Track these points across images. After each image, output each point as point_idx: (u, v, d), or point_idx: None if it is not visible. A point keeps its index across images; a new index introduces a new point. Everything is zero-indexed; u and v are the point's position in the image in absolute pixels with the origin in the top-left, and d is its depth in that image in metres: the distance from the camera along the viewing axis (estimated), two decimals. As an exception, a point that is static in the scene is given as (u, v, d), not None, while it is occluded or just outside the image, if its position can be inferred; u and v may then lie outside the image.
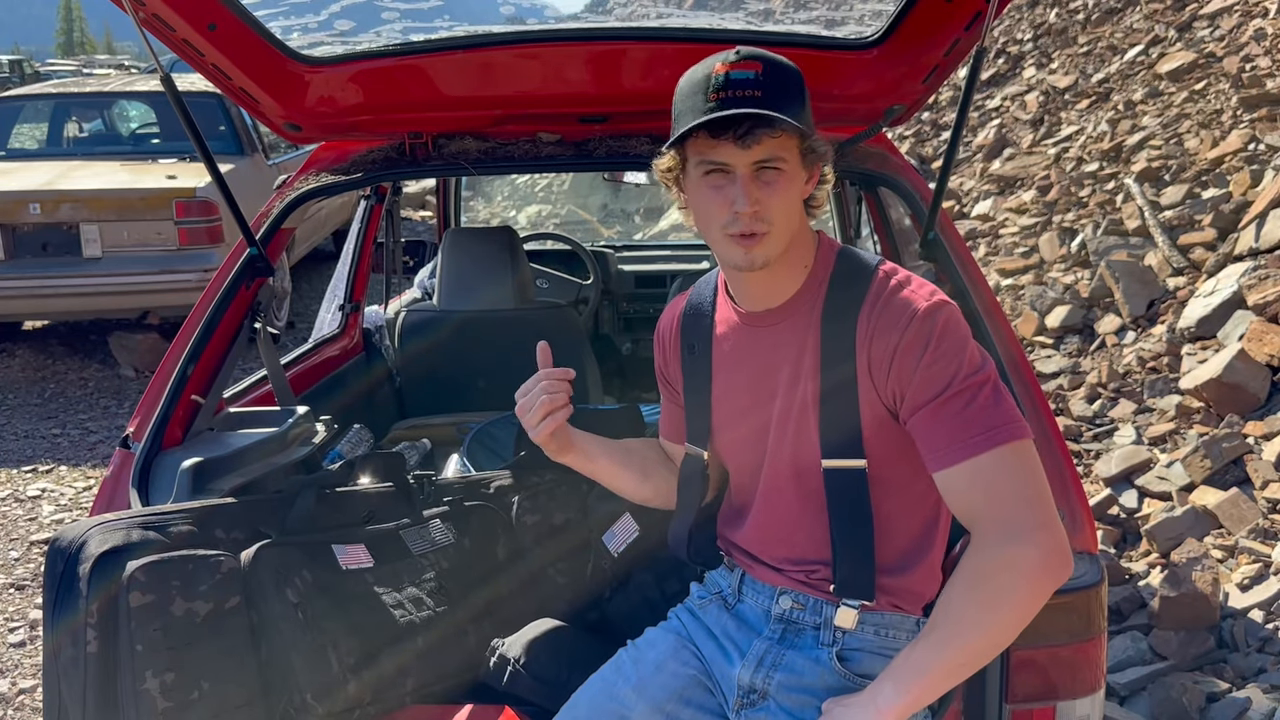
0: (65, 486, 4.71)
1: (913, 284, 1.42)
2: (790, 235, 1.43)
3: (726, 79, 1.36)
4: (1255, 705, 2.55)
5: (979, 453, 1.33)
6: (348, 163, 2.31)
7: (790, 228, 1.42)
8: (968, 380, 1.35)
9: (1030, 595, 1.31)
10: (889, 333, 1.38)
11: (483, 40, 2.22)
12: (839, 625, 1.48)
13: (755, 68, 1.36)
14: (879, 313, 1.40)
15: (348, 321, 3.32)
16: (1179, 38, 7.23)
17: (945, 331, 1.36)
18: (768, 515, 1.54)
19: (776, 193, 1.39)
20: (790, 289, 1.48)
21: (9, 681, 3.23)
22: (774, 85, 1.36)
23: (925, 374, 1.36)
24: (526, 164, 2.28)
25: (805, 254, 1.48)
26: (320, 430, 2.24)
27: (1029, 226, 5.98)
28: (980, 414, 1.34)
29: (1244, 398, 3.53)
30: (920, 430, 1.37)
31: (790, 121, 1.34)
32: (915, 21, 2.06)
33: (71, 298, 5.96)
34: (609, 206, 6.98)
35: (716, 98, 1.36)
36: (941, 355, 1.35)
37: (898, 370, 1.37)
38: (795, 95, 1.37)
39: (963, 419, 1.34)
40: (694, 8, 6.29)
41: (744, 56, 1.37)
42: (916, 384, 1.36)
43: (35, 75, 23.63)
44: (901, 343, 1.36)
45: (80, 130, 7.63)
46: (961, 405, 1.34)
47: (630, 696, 1.55)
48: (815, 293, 1.47)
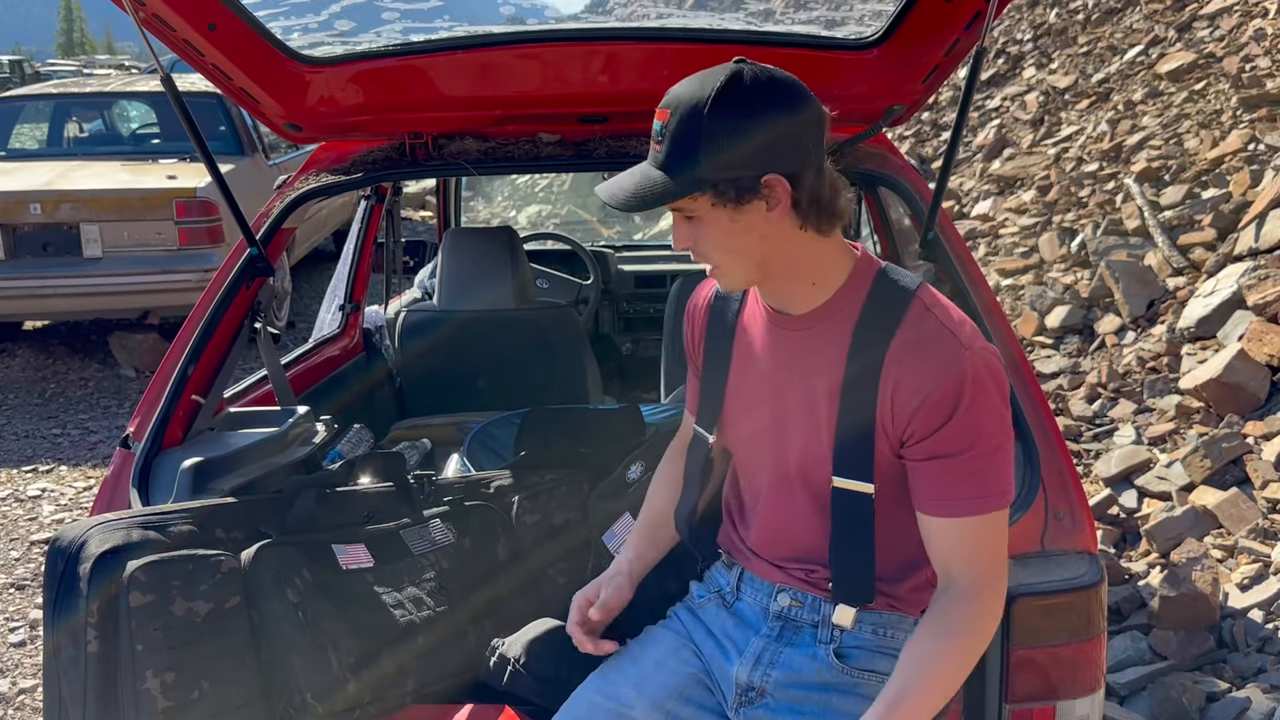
0: (65, 486, 4.72)
1: (953, 322, 1.39)
2: (748, 267, 1.41)
3: (653, 126, 1.38)
4: (1255, 705, 2.55)
5: (967, 515, 1.37)
6: (348, 163, 2.32)
7: (740, 262, 1.40)
8: (985, 447, 1.36)
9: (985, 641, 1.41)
10: (922, 378, 1.35)
11: (483, 40, 2.22)
12: (837, 623, 1.48)
13: (664, 117, 1.35)
14: (913, 350, 1.36)
15: (348, 321, 3.32)
16: (1179, 38, 7.23)
17: (979, 391, 1.34)
18: (771, 513, 1.54)
19: (700, 236, 1.38)
20: (812, 300, 1.44)
21: (9, 681, 3.23)
22: (674, 140, 1.34)
23: (948, 432, 1.35)
24: (526, 164, 2.28)
25: (817, 274, 1.43)
26: (320, 430, 2.24)
27: (1029, 226, 5.98)
28: (981, 479, 1.36)
29: (1244, 398, 3.53)
30: (919, 474, 1.39)
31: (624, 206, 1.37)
32: (915, 22, 2.06)
33: (72, 298, 5.96)
34: (609, 206, 6.97)
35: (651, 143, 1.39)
36: (970, 420, 1.34)
37: (922, 420, 1.36)
38: (693, 143, 1.32)
39: (964, 480, 1.36)
40: (694, 8, 6.29)
41: (664, 102, 1.36)
42: (936, 438, 1.36)
43: (36, 75, 23.63)
44: (933, 395, 1.34)
45: (80, 130, 7.63)
46: (969, 469, 1.36)
47: (630, 694, 1.55)
48: (848, 308, 1.43)
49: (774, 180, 1.33)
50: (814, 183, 1.36)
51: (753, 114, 1.31)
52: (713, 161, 1.32)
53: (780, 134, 1.33)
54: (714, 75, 1.33)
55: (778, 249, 1.39)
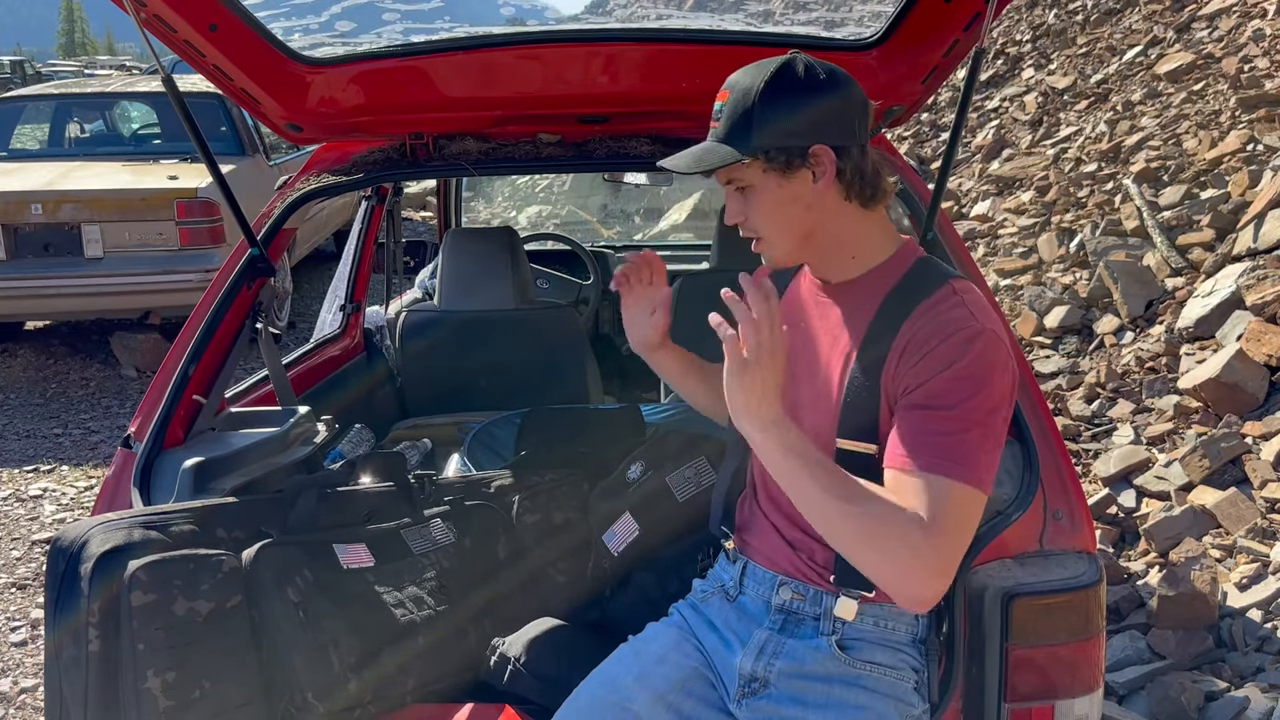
0: (67, 486, 4.72)
1: (977, 306, 1.42)
2: (793, 237, 1.49)
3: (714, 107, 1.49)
4: (1253, 704, 2.56)
5: (932, 473, 1.32)
6: (349, 163, 2.32)
7: (786, 231, 1.48)
8: (970, 413, 1.34)
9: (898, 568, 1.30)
10: (931, 335, 1.39)
11: (483, 41, 2.22)
12: (839, 616, 1.50)
13: (724, 98, 1.47)
14: (929, 318, 1.41)
15: (349, 322, 3.33)
16: (1178, 39, 7.24)
17: (980, 359, 1.36)
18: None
19: (752, 206, 1.49)
20: (850, 271, 1.52)
21: (10, 681, 3.24)
22: (731, 115, 1.45)
23: (938, 384, 1.36)
24: (527, 165, 2.29)
25: (859, 248, 1.51)
26: (321, 430, 2.25)
27: (1028, 227, 5.98)
28: (956, 445, 1.33)
29: (1242, 398, 3.53)
30: (901, 422, 1.38)
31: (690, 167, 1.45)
32: (914, 22, 2.06)
33: (73, 298, 5.97)
34: (609, 207, 6.98)
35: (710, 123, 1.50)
36: (963, 378, 1.35)
37: (920, 369, 1.38)
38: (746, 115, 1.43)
39: (939, 437, 1.33)
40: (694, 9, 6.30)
41: (725, 84, 1.48)
42: (927, 387, 1.37)
43: (37, 76, 23.65)
44: (937, 350, 1.38)
45: (82, 131, 7.64)
46: (948, 428, 1.34)
47: (632, 688, 1.56)
48: (883, 283, 1.49)
49: (821, 151, 1.43)
50: (858, 158, 1.46)
51: (804, 92, 1.43)
52: (764, 131, 1.42)
53: (827, 111, 1.43)
54: (770, 62, 1.45)
55: (823, 220, 1.48)
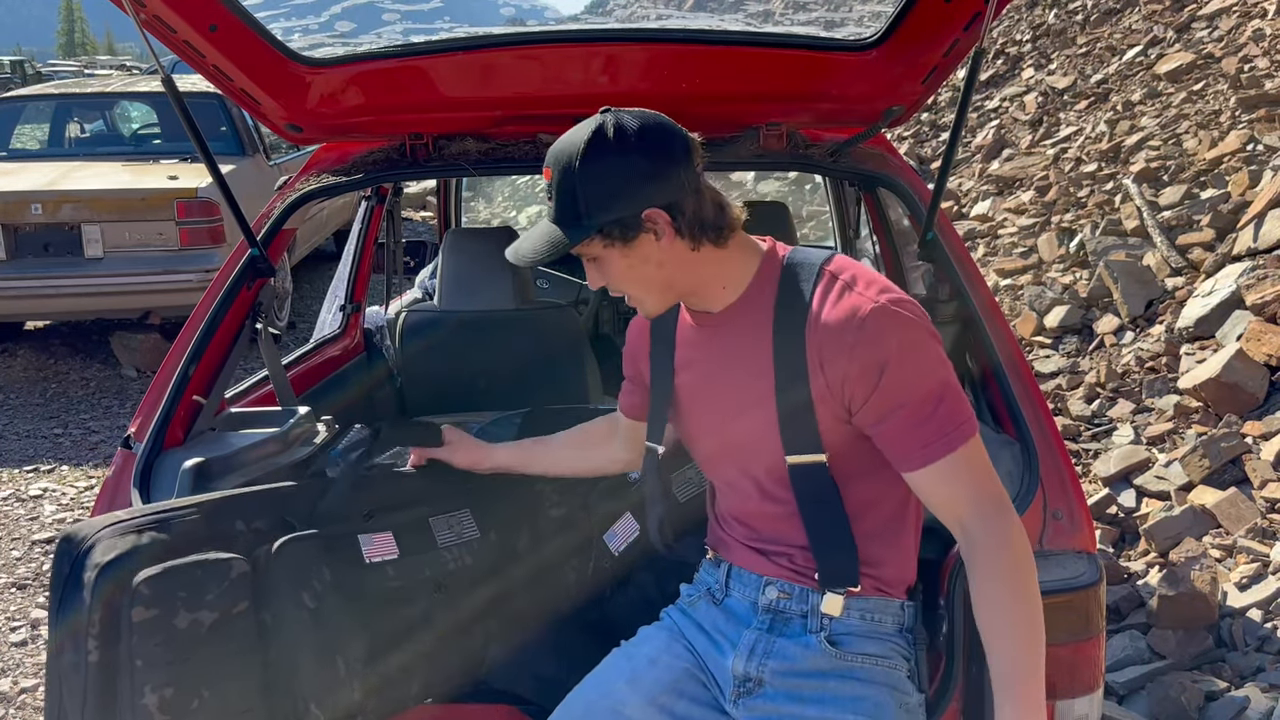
0: (67, 486, 4.72)
1: (859, 283, 1.45)
2: (658, 292, 1.50)
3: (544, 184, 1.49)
4: (1254, 704, 2.56)
5: (938, 458, 1.40)
6: (349, 164, 2.32)
7: (649, 290, 1.49)
8: (924, 395, 1.40)
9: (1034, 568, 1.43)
10: (839, 344, 1.41)
11: (483, 42, 2.22)
12: (826, 612, 1.52)
13: (548, 176, 1.46)
14: (824, 319, 1.43)
15: (349, 322, 3.33)
16: (1178, 38, 7.24)
17: (896, 342, 1.39)
18: (741, 503, 1.58)
19: (606, 274, 1.49)
20: (727, 299, 1.52)
21: (10, 681, 3.24)
22: (558, 196, 1.44)
23: (885, 389, 1.40)
24: (527, 165, 2.29)
25: (726, 279, 1.51)
26: (321, 430, 2.25)
27: (1028, 227, 5.99)
28: (939, 419, 1.40)
29: (1242, 397, 3.53)
30: (882, 437, 1.43)
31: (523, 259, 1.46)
32: (914, 22, 2.06)
33: (73, 298, 5.97)
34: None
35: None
36: (900, 371, 1.39)
37: (857, 385, 1.41)
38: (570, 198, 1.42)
39: (923, 425, 1.40)
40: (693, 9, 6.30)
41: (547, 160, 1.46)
42: (877, 398, 1.41)
43: (37, 76, 23.65)
44: (857, 359, 1.40)
45: (82, 131, 7.64)
46: (924, 414, 1.40)
47: (624, 691, 1.56)
48: (764, 295, 1.50)
49: (653, 214, 1.43)
50: (694, 206, 1.44)
51: (618, 158, 1.41)
52: (592, 209, 1.42)
53: (646, 172, 1.42)
54: (581, 130, 1.43)
55: (678, 271, 1.48)
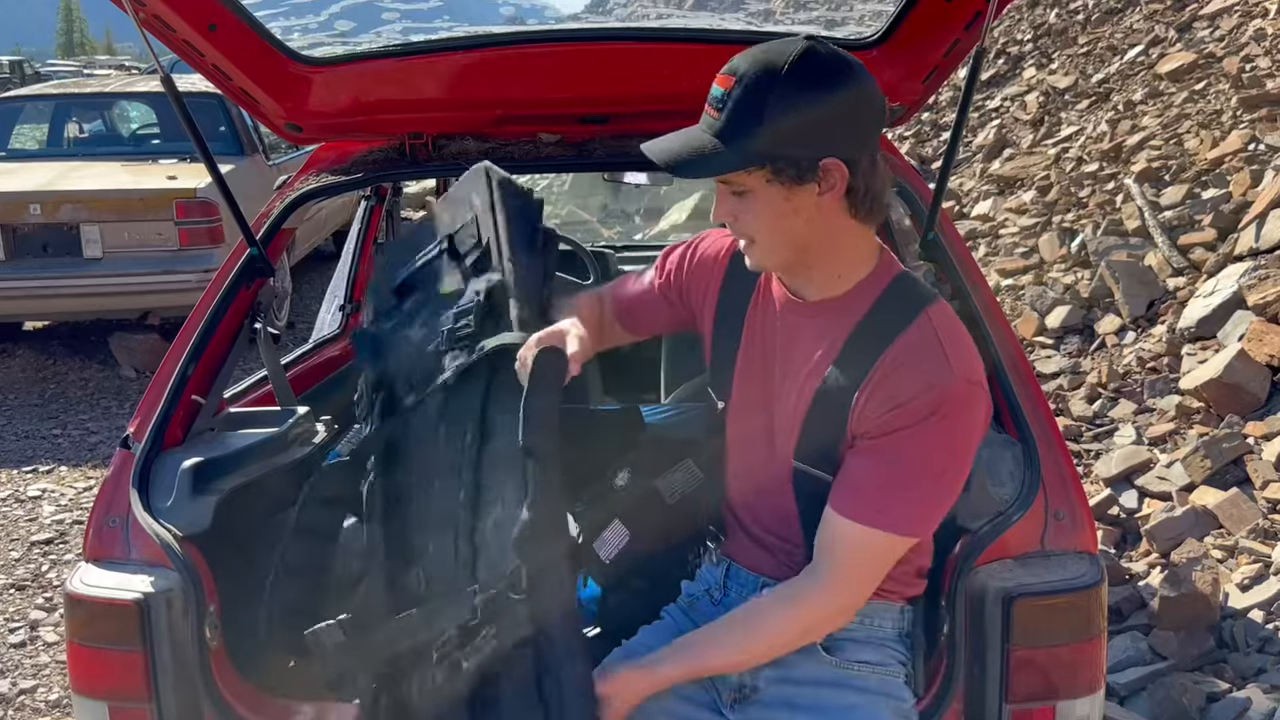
0: (66, 487, 4.71)
1: (958, 346, 1.37)
2: (787, 248, 1.38)
3: (711, 92, 1.33)
4: (1255, 705, 2.55)
5: (862, 522, 1.35)
6: (348, 163, 2.32)
7: (781, 242, 1.37)
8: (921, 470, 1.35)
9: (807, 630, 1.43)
10: (901, 387, 1.34)
11: (483, 41, 2.22)
12: None
13: (727, 84, 1.30)
14: (905, 365, 1.35)
15: (348, 322, 3.32)
16: (1179, 38, 7.23)
17: (948, 419, 1.33)
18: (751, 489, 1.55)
19: (746, 211, 1.35)
20: (829, 290, 1.42)
21: (9, 681, 3.23)
22: (736, 110, 1.29)
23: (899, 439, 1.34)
24: (527, 164, 2.29)
25: (846, 265, 1.41)
26: (320, 430, 2.24)
27: (1029, 227, 5.98)
28: (897, 496, 1.35)
29: (1244, 398, 3.53)
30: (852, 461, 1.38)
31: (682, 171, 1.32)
32: (915, 22, 2.06)
33: (72, 298, 5.96)
34: (609, 207, 6.98)
35: (704, 108, 1.34)
36: (925, 438, 1.33)
37: (883, 422, 1.35)
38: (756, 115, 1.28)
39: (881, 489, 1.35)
40: (694, 8, 6.30)
41: (729, 67, 1.31)
42: (886, 439, 1.35)
43: (36, 76, 23.63)
44: (906, 404, 1.33)
45: (81, 131, 7.63)
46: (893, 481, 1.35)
47: None
48: (857, 307, 1.41)
49: (832, 165, 1.30)
50: (869, 171, 1.34)
51: (824, 90, 1.28)
52: (774, 135, 1.28)
53: (846, 115, 1.31)
54: (786, 46, 1.29)
55: (822, 235, 1.37)
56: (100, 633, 1.73)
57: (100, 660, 1.75)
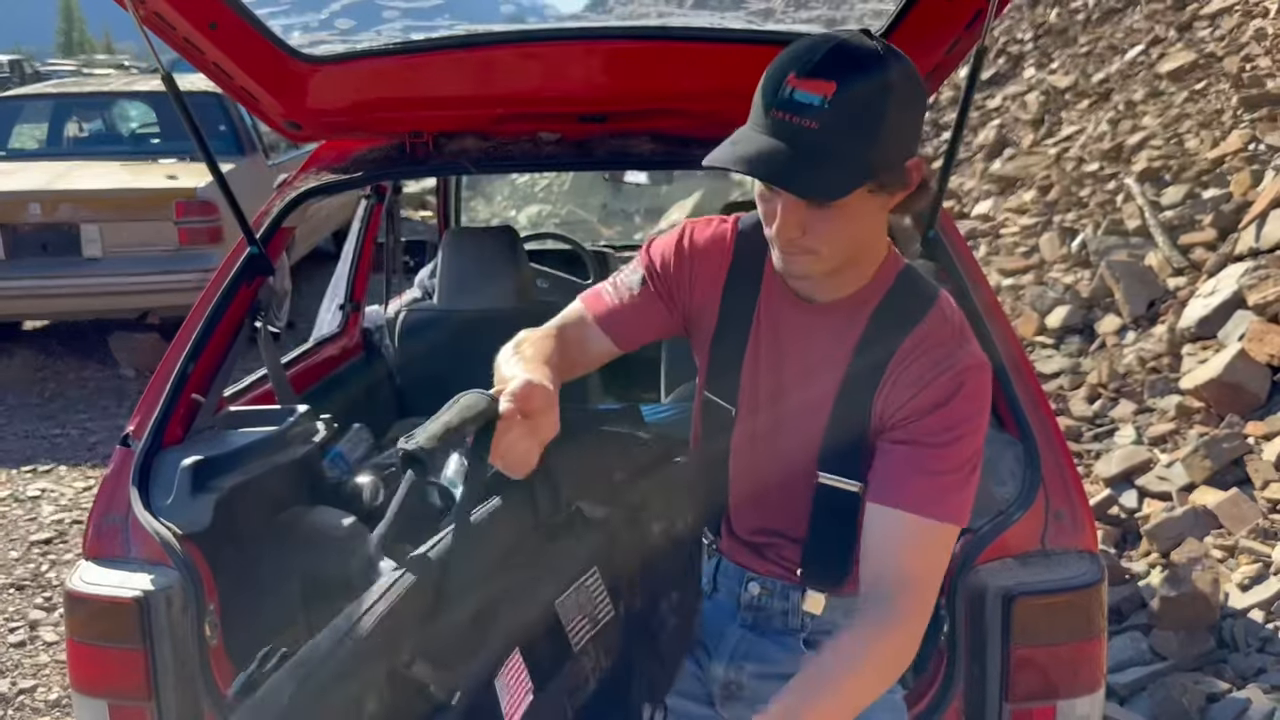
0: (65, 486, 4.71)
1: (966, 336, 1.35)
2: (845, 259, 1.30)
3: (790, 98, 1.15)
4: (1255, 705, 2.55)
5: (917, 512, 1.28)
6: (348, 162, 2.31)
7: (847, 251, 1.28)
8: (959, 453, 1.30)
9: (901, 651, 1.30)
10: (923, 370, 1.31)
11: (484, 39, 2.22)
12: (807, 610, 1.47)
13: (825, 90, 1.13)
14: (924, 350, 1.32)
15: (348, 321, 3.32)
16: (1179, 38, 7.23)
17: (973, 397, 1.31)
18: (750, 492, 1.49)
19: (826, 225, 1.22)
20: (843, 290, 1.36)
21: (9, 681, 3.23)
22: (843, 120, 1.13)
23: (931, 420, 1.30)
24: (527, 163, 2.29)
25: (871, 263, 1.35)
26: (320, 429, 2.24)
27: (1029, 226, 5.98)
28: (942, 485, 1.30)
29: (1244, 398, 3.53)
30: (888, 458, 1.33)
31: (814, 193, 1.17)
32: (915, 21, 2.06)
33: (71, 298, 5.95)
34: (609, 206, 6.99)
35: (777, 116, 1.16)
36: (955, 417, 1.30)
37: (911, 407, 1.31)
38: (875, 126, 1.16)
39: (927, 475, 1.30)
40: (694, 7, 6.30)
41: (818, 68, 1.14)
42: (917, 424, 1.31)
43: (35, 75, 23.60)
44: (929, 387, 1.30)
45: (80, 130, 7.63)
46: (936, 467, 1.30)
47: None
48: (868, 300, 1.36)
49: (915, 165, 1.22)
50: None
51: (920, 92, 1.21)
52: (886, 146, 1.17)
53: (923, 114, 1.25)
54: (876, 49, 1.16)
55: (874, 237, 1.32)
56: (100, 631, 1.73)
57: (100, 658, 1.74)
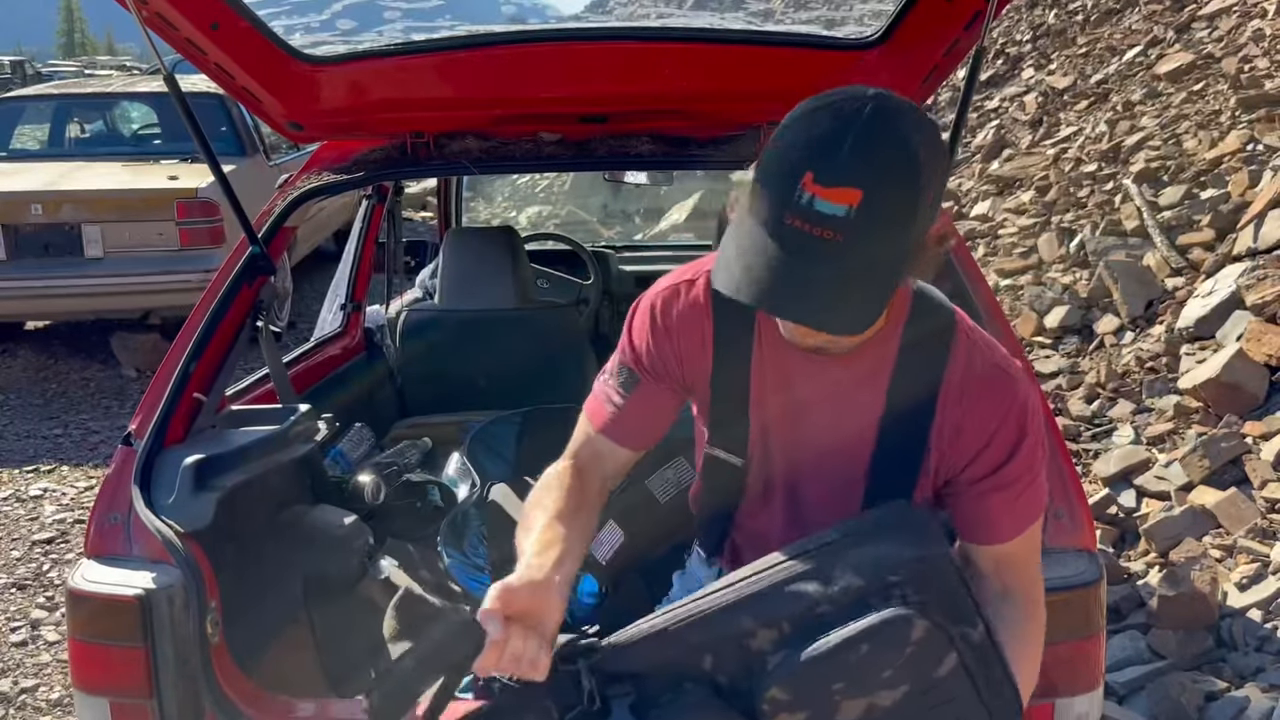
0: (67, 486, 4.72)
1: (999, 355, 1.35)
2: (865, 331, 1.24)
3: (810, 205, 1.05)
4: (1254, 704, 2.56)
5: (1021, 533, 1.36)
6: (349, 162, 2.32)
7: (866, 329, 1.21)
8: (1039, 469, 1.36)
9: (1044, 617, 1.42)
10: (987, 420, 1.31)
11: (484, 40, 2.23)
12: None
13: (851, 200, 1.03)
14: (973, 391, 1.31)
15: (349, 321, 3.33)
16: (1177, 39, 7.24)
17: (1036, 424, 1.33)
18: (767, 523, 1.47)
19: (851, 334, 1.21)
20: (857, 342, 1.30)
21: (10, 681, 3.24)
22: (871, 226, 1.04)
23: (1013, 467, 1.32)
24: (527, 164, 2.29)
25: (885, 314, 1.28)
26: (321, 428, 2.25)
27: (1028, 227, 5.98)
28: (1037, 495, 1.37)
29: (1242, 398, 3.53)
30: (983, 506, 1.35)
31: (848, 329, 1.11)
32: (915, 21, 2.06)
33: (73, 298, 5.97)
34: (609, 207, 6.99)
35: (792, 223, 1.06)
36: (1030, 452, 1.33)
37: (986, 459, 1.32)
38: (906, 233, 1.07)
39: (1027, 503, 1.36)
40: (694, 7, 6.30)
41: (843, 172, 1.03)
42: (1000, 474, 1.33)
43: (37, 76, 23.62)
44: (999, 436, 1.31)
45: (82, 131, 7.64)
46: (1031, 493, 1.36)
47: None
48: (887, 340, 1.32)
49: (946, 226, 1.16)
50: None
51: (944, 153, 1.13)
52: (920, 233, 1.10)
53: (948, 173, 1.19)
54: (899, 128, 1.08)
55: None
56: (102, 629, 1.73)
57: (102, 656, 1.75)
